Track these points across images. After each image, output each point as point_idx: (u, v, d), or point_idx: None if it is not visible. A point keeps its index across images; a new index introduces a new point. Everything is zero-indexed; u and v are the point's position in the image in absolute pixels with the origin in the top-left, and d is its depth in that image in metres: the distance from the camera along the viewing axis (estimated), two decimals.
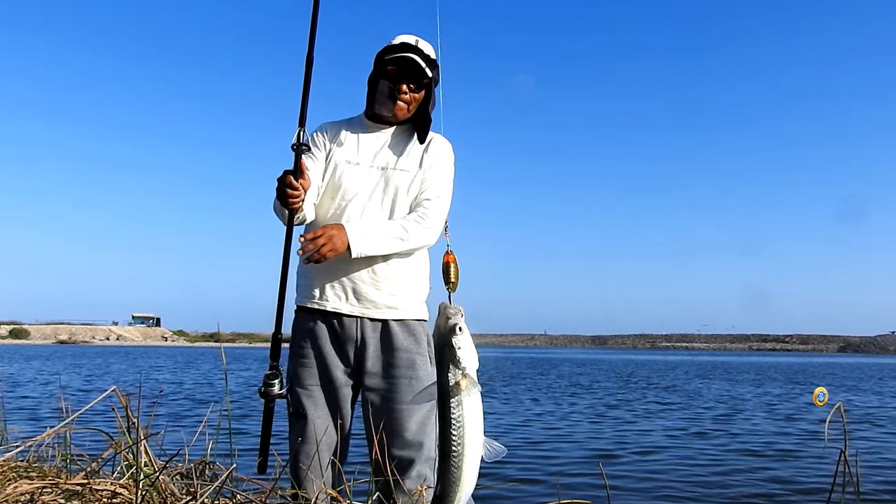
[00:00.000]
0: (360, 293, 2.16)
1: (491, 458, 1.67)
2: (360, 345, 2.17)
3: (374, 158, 2.23)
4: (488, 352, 79.84)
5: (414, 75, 2.21)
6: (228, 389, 10.48)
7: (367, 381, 2.18)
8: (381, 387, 2.16)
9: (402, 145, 2.26)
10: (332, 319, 2.19)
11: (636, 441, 7.66)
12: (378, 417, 2.13)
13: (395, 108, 2.22)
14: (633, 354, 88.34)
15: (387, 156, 2.23)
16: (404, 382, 2.15)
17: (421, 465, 2.12)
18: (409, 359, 2.17)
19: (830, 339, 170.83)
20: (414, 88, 2.23)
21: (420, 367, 2.17)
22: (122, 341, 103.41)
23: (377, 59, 2.24)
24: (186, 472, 2.14)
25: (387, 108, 2.23)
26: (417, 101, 2.25)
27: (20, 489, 1.78)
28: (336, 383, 2.18)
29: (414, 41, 2.23)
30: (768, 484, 5.41)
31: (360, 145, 2.26)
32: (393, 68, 2.21)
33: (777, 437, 8.17)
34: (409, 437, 2.12)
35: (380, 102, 2.23)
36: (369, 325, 2.17)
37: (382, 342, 2.18)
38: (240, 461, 2.40)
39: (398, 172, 2.21)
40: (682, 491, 5.09)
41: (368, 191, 2.19)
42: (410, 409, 2.13)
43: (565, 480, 5.30)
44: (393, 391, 2.15)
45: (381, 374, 2.17)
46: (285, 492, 2.12)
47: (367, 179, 2.20)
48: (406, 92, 2.21)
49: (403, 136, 2.28)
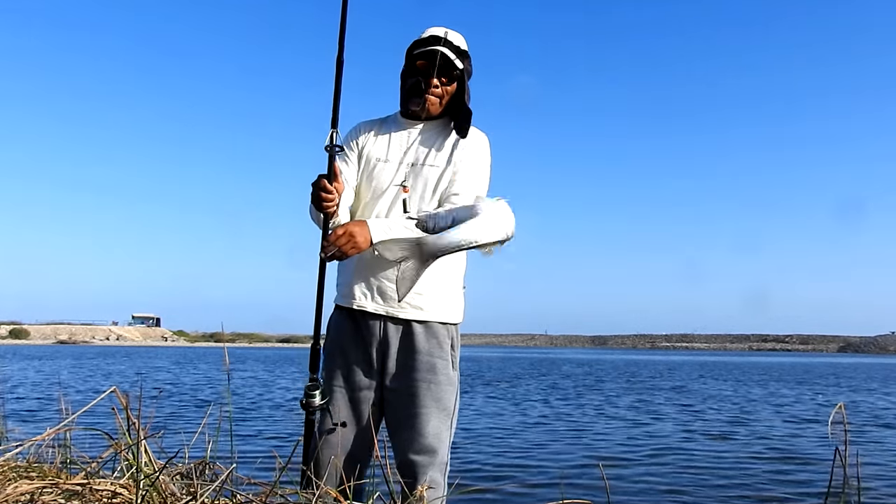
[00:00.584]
0: (385, 292, 2.13)
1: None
2: (383, 345, 2.15)
3: (403, 155, 2.20)
4: (488, 352, 79.85)
5: (444, 68, 2.16)
6: (230, 389, 10.45)
7: (388, 382, 2.15)
8: (400, 388, 2.13)
9: (433, 140, 2.22)
10: (357, 318, 2.17)
11: (650, 442, 7.66)
12: (394, 419, 2.12)
13: (426, 102, 2.18)
14: (634, 354, 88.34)
15: (416, 151, 2.20)
16: (423, 386, 2.12)
17: (434, 470, 2.10)
18: (430, 362, 2.13)
19: (830, 339, 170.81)
20: (446, 82, 2.19)
21: (440, 372, 2.14)
22: (122, 341, 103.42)
23: (407, 53, 2.21)
24: (186, 472, 2.14)
25: (416, 104, 2.20)
26: (450, 94, 2.21)
27: (20, 489, 1.78)
28: (357, 383, 2.16)
29: (443, 33, 2.19)
30: (779, 487, 5.40)
31: (392, 142, 2.23)
32: (423, 62, 2.17)
33: (791, 439, 8.14)
34: (424, 442, 2.09)
35: (409, 98, 2.21)
36: (392, 325, 2.15)
37: (404, 343, 2.14)
38: (240, 461, 2.40)
39: (427, 168, 2.17)
40: (692, 494, 5.09)
41: (397, 187, 2.16)
42: (428, 414, 2.11)
43: (575, 481, 5.30)
44: (411, 394, 2.12)
45: (401, 375, 2.14)
46: (285, 492, 2.12)
47: (396, 176, 2.17)
48: (437, 86, 2.18)
49: (436, 131, 2.23)
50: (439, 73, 2.17)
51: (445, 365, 2.15)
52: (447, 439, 2.14)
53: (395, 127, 2.26)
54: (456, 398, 2.18)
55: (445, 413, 2.14)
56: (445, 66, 2.16)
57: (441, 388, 2.13)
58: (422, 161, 2.18)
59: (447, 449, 2.14)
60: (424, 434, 2.10)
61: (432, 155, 2.19)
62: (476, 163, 2.21)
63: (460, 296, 2.25)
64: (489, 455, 6.51)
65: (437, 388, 2.12)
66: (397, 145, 2.22)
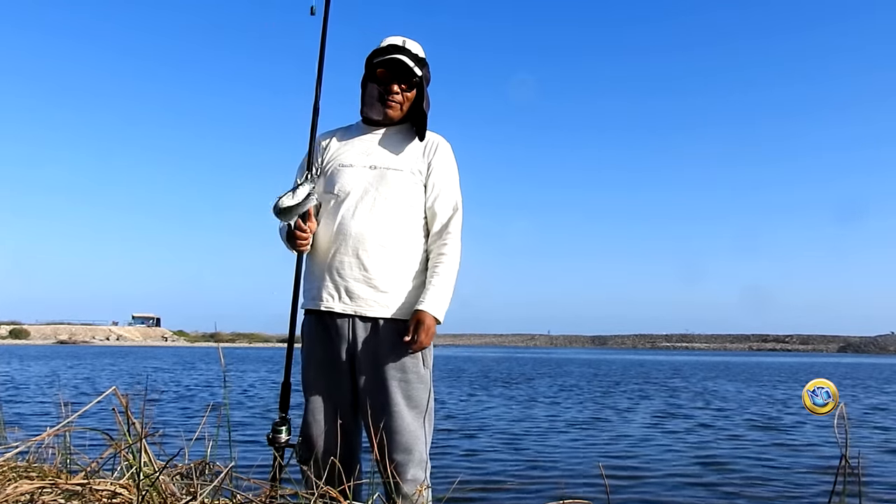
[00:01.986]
0: (353, 291, 2.17)
1: None
2: (352, 345, 2.17)
3: (365, 158, 2.25)
4: (489, 352, 79.84)
5: (403, 75, 2.24)
6: (229, 390, 10.44)
7: (360, 382, 2.18)
8: (371, 387, 2.16)
9: (395, 144, 2.27)
10: (326, 319, 2.20)
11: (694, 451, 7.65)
12: (368, 419, 2.13)
13: (387, 109, 2.25)
14: (635, 354, 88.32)
15: (378, 155, 2.25)
16: (393, 384, 2.14)
17: (414, 467, 2.12)
18: (399, 360, 2.16)
19: (830, 339, 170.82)
20: (405, 88, 2.26)
21: (410, 370, 2.16)
22: (122, 341, 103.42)
23: (367, 62, 2.27)
24: (186, 472, 2.14)
25: (376, 111, 2.27)
26: (410, 101, 2.28)
27: (20, 489, 1.78)
28: (332, 385, 2.20)
29: (401, 42, 2.25)
30: (791, 488, 5.39)
31: (354, 148, 2.29)
32: (382, 70, 2.24)
33: (806, 438, 8.15)
34: (398, 440, 2.12)
35: (369, 105, 2.28)
36: (360, 323, 2.17)
37: (372, 342, 2.17)
38: (240, 461, 2.40)
39: (390, 171, 2.22)
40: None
41: (360, 190, 2.20)
42: (400, 412, 2.13)
43: (579, 480, 5.30)
44: (382, 392, 2.14)
45: (371, 374, 2.16)
46: (285, 492, 2.12)
47: (359, 179, 2.22)
48: (397, 92, 2.25)
49: (398, 136, 2.29)
50: (399, 80, 2.24)
51: (415, 363, 2.18)
52: (423, 437, 2.16)
53: (357, 133, 2.33)
54: (429, 396, 2.21)
55: (418, 410, 2.16)
56: (405, 73, 2.23)
57: (411, 386, 2.16)
58: (385, 164, 2.23)
59: (424, 446, 2.17)
60: (398, 432, 2.12)
61: (394, 159, 2.25)
62: (451, 175, 2.30)
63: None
64: (499, 454, 6.51)
65: (407, 386, 2.15)
66: (360, 151, 2.28)
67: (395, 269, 2.19)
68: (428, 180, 2.25)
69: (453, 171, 2.31)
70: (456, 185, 2.30)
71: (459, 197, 2.29)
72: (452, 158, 2.33)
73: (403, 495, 2.08)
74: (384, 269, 2.17)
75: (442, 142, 2.32)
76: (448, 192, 2.27)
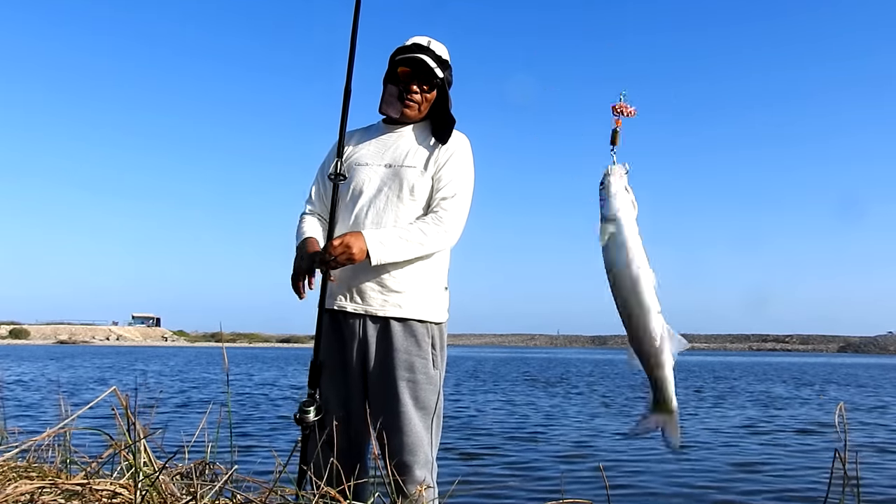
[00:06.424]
0: (364, 291, 2.16)
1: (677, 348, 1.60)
2: (362, 344, 2.17)
3: (381, 157, 2.24)
4: (489, 352, 79.89)
5: (424, 76, 2.21)
6: (229, 389, 10.46)
7: (369, 381, 2.18)
8: (380, 387, 2.16)
9: (411, 143, 2.25)
10: (338, 318, 2.20)
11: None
12: (376, 418, 2.13)
13: (405, 108, 2.23)
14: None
15: (394, 153, 2.24)
16: (401, 384, 2.13)
17: (420, 468, 2.12)
18: (408, 360, 2.15)
19: (830, 339, 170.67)
20: (426, 89, 2.23)
21: (419, 370, 2.15)
22: (122, 341, 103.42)
23: (390, 60, 2.25)
24: (186, 472, 2.14)
25: (394, 110, 2.25)
26: (430, 102, 2.26)
27: (20, 489, 1.78)
28: (344, 384, 2.19)
29: (426, 42, 2.23)
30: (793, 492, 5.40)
31: (371, 147, 2.28)
32: (404, 69, 2.21)
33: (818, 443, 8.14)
34: (405, 440, 2.11)
35: (388, 103, 2.26)
36: (370, 323, 2.17)
37: (382, 341, 2.16)
38: (240, 461, 2.40)
39: (405, 169, 2.20)
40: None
41: (375, 188, 2.19)
42: (407, 412, 2.12)
43: (578, 480, 5.30)
44: (390, 392, 2.14)
45: (381, 374, 2.16)
46: (285, 492, 2.12)
47: (374, 177, 2.21)
48: (417, 92, 2.22)
49: (415, 135, 2.27)
50: (420, 81, 2.22)
51: (425, 364, 2.16)
52: (430, 438, 2.15)
53: (376, 133, 2.32)
54: (438, 397, 2.20)
55: (426, 412, 2.15)
56: (426, 73, 2.20)
57: (420, 387, 2.14)
58: (400, 162, 2.21)
59: (430, 447, 2.15)
60: (405, 432, 2.11)
61: (410, 156, 2.22)
62: (459, 165, 2.24)
63: (442, 295, 2.27)
64: (499, 454, 6.52)
65: (416, 387, 2.14)
66: (377, 149, 2.27)
67: (408, 269, 2.17)
68: (437, 173, 2.21)
69: (465, 165, 2.25)
70: (463, 178, 2.23)
71: (464, 189, 2.22)
72: (468, 155, 2.27)
73: (406, 496, 2.07)
74: (397, 269, 2.15)
75: (460, 140, 2.28)
76: (452, 181, 2.20)
